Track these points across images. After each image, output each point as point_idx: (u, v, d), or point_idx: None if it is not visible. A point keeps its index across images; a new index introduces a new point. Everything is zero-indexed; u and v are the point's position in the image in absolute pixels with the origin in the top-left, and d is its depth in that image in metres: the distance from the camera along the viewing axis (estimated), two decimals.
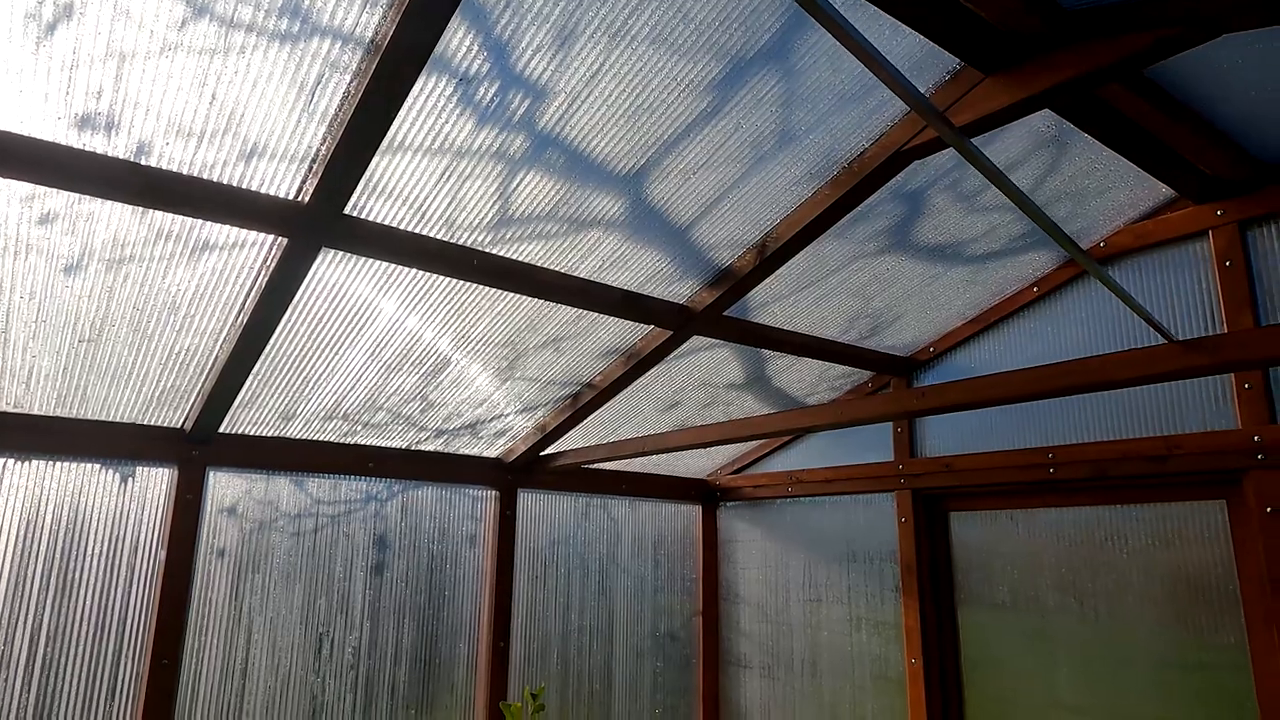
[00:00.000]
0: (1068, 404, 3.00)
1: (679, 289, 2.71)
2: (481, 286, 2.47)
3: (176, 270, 2.20)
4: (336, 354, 2.71)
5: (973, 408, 2.23)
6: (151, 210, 1.95)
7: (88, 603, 2.71)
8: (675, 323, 2.79)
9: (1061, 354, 3.03)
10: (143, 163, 1.83)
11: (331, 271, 2.31)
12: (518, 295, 2.54)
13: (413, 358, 2.81)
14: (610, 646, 3.89)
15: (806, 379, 3.59)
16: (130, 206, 1.94)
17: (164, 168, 1.85)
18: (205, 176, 1.90)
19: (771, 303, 2.91)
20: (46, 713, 2.58)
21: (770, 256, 2.52)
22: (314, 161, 1.91)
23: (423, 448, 3.45)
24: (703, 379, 3.40)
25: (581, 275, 2.53)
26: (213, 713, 2.86)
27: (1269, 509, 2.44)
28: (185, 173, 1.87)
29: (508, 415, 3.35)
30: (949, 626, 3.29)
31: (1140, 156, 2.41)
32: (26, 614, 2.60)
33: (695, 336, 2.92)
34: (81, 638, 2.68)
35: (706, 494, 4.32)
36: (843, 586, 3.64)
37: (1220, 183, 2.62)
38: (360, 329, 2.60)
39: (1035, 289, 3.11)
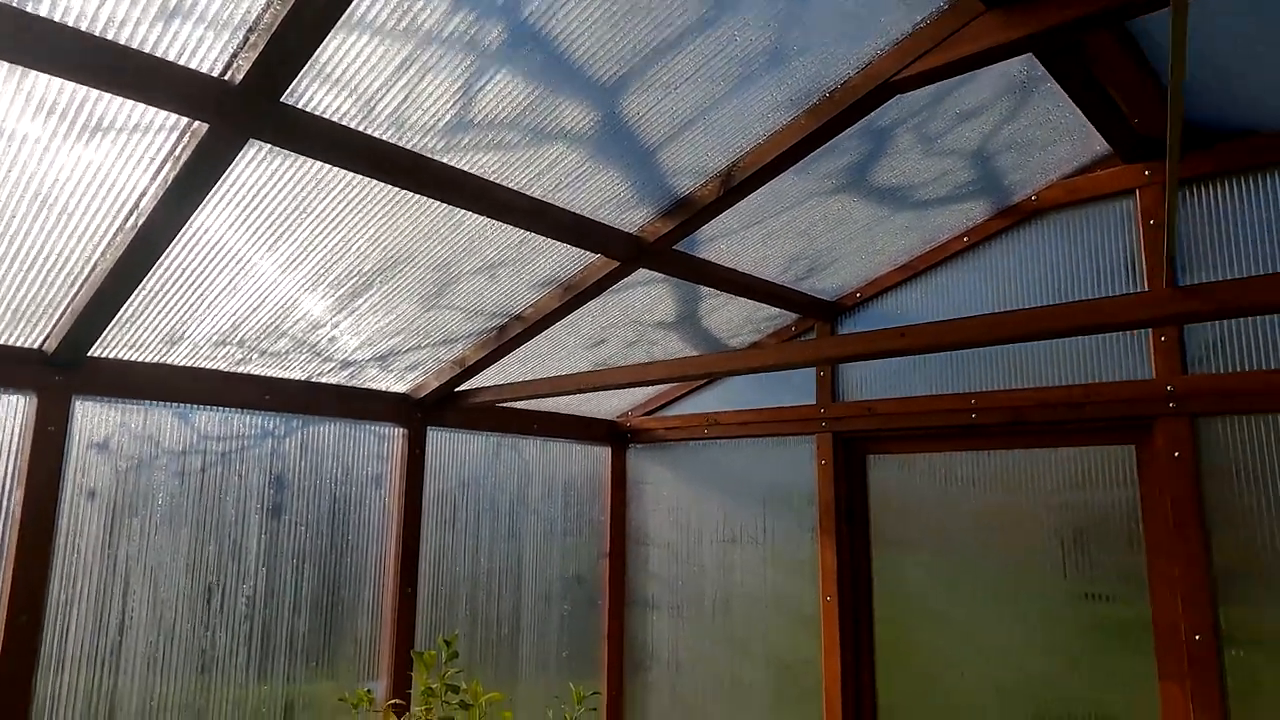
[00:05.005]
0: (990, 351, 3.09)
1: (632, 217, 2.55)
2: (424, 199, 2.21)
3: (57, 155, 1.81)
4: (242, 269, 2.37)
5: (937, 350, 2.23)
6: (31, 72, 1.58)
7: None
8: (624, 254, 2.63)
9: (986, 305, 3.11)
10: (29, 9, 1.46)
11: (252, 170, 1.98)
12: (463, 212, 2.30)
13: (331, 277, 2.51)
14: (519, 590, 3.76)
15: (733, 320, 3.53)
16: (4, 66, 1.56)
17: (56, 19, 1.48)
18: (110, 36, 1.55)
19: (719, 238, 2.81)
20: None
21: (735, 188, 2.40)
22: (252, 31, 1.60)
23: (325, 380, 3.13)
24: (635, 316, 3.27)
25: (534, 194, 2.32)
26: (85, 672, 2.51)
27: (1176, 454, 2.62)
28: (84, 28, 1.52)
29: (424, 347, 3.09)
30: (864, 565, 3.38)
31: (1092, 110, 2.46)
32: None
33: (641, 270, 2.77)
34: None
35: (617, 435, 4.22)
36: (758, 528, 3.67)
37: (1151, 142, 2.73)
38: (276, 240, 2.28)
39: (965, 238, 3.17)
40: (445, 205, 2.24)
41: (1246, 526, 2.51)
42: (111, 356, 2.62)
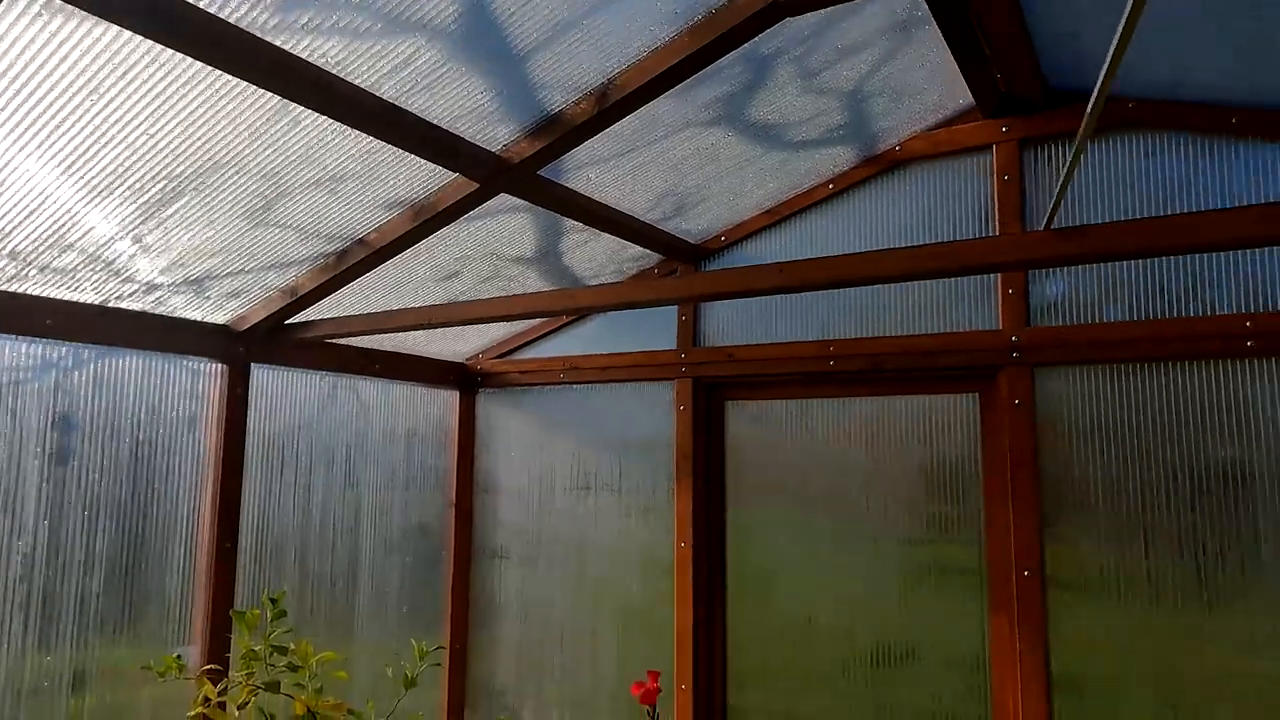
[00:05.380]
0: (848, 299, 3.12)
1: (496, 133, 2.31)
2: (253, 89, 1.88)
3: None
4: (11, 163, 1.94)
5: (814, 288, 2.18)
6: None
7: None
8: (485, 174, 2.40)
9: (851, 248, 3.12)
10: None
11: (22, 29, 1.59)
12: (300, 110, 1.98)
13: (131, 179, 2.11)
14: (356, 543, 3.48)
15: (596, 259, 3.38)
16: None
17: None
18: None
19: (588, 166, 2.62)
20: None
21: (610, 108, 2.22)
22: None
23: (125, 305, 2.69)
24: (492, 248, 3.03)
25: (384, 95, 2.04)
26: None
27: (1017, 401, 2.75)
28: None
29: (250, 271, 2.72)
30: (719, 512, 3.37)
31: (965, 59, 2.47)
32: None
33: (503, 195, 2.54)
34: None
35: (466, 379, 3.98)
36: (614, 475, 3.58)
37: (1011, 100, 2.80)
38: (57, 127, 1.87)
39: (831, 185, 3.16)
40: (279, 99, 1.92)
41: (1073, 471, 2.67)
42: None
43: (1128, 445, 2.61)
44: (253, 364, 3.08)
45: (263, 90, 1.87)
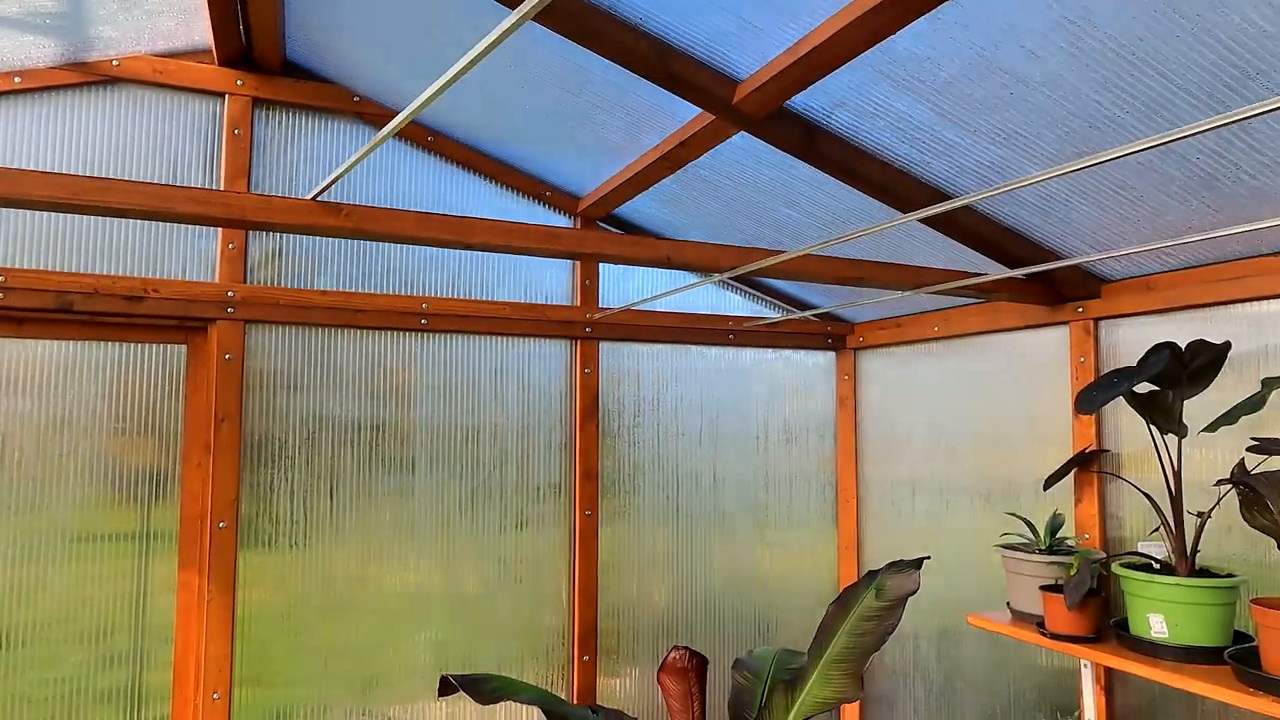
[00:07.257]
0: (27, 221, 2.61)
1: None
2: None
3: None
4: None
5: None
6: None
7: None
8: None
9: (39, 162, 2.61)
10: None
11: None
12: None
13: None
14: None
15: None
16: None
17: None
18: None
19: None
20: None
21: None
22: None
23: None
24: None
25: None
26: None
27: (228, 356, 2.76)
28: None
29: None
30: None
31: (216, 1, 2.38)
32: None
33: None
34: None
35: None
36: None
37: (250, 59, 2.80)
38: None
39: (18, 79, 2.58)
40: None
41: (275, 425, 2.84)
42: None
43: (325, 401, 2.92)
44: None
45: None
